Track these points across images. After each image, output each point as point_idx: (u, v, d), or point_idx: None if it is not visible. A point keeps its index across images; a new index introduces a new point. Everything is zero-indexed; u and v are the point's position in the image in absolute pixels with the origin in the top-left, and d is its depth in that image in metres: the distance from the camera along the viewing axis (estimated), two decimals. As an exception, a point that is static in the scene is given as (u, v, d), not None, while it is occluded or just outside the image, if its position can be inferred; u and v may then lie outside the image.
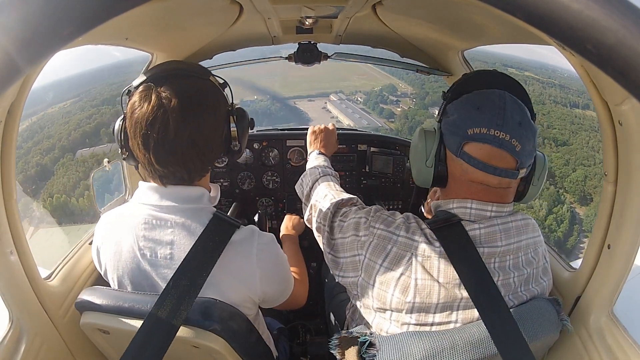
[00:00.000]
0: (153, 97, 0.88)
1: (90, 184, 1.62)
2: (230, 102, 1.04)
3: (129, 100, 0.94)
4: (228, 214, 1.04)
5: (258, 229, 1.05)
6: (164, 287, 0.91)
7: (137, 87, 0.93)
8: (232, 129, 1.00)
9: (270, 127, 2.58)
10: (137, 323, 0.92)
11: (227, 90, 1.05)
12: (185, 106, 0.88)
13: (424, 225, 0.96)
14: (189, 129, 0.89)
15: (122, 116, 0.97)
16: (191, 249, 0.93)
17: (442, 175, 0.98)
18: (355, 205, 1.13)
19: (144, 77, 0.93)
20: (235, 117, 1.01)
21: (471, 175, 0.93)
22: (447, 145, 0.96)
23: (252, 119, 1.10)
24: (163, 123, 0.87)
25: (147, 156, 0.90)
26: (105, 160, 1.61)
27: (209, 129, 0.94)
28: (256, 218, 1.97)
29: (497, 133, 0.88)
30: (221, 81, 1.03)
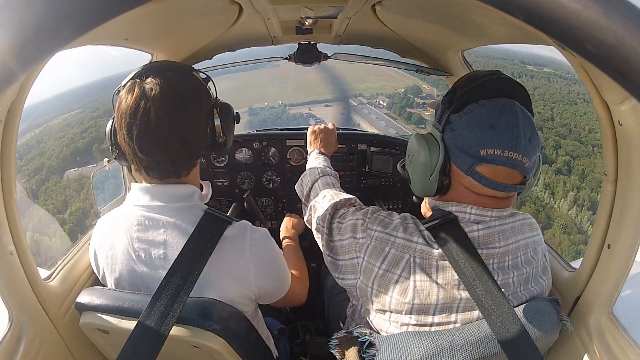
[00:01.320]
0: (136, 90, 0.91)
1: (90, 183, 1.62)
2: (214, 96, 1.07)
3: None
4: (228, 214, 1.04)
5: (251, 224, 1.05)
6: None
7: (124, 85, 0.96)
8: (216, 123, 1.03)
9: (270, 127, 2.58)
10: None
11: (211, 86, 1.07)
12: (166, 96, 0.92)
13: (422, 227, 0.96)
14: (170, 117, 0.92)
15: (113, 116, 0.99)
16: (183, 247, 0.93)
17: (445, 186, 0.97)
18: (354, 206, 1.13)
19: (130, 76, 0.97)
20: (219, 110, 1.03)
21: (479, 190, 0.93)
22: (456, 162, 0.93)
23: (237, 113, 1.12)
24: (145, 113, 0.90)
25: (131, 145, 0.93)
26: (105, 160, 1.61)
27: (191, 119, 0.96)
28: (245, 205, 1.97)
29: (510, 154, 0.86)
30: (204, 76, 1.07)
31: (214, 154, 2.30)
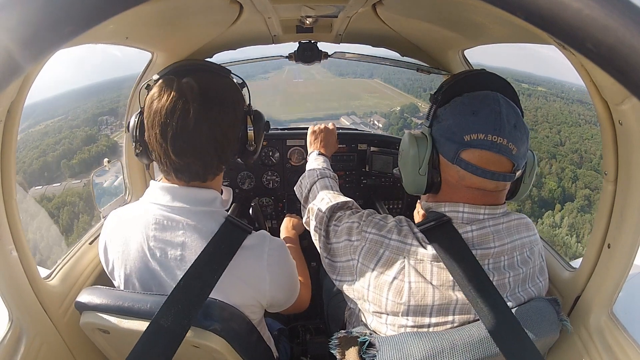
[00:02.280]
0: (174, 88, 0.88)
1: (91, 184, 1.63)
2: (248, 102, 1.05)
3: (147, 95, 0.94)
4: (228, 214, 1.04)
5: (270, 234, 1.05)
6: (173, 286, 0.90)
7: (156, 80, 0.93)
8: (249, 130, 1.01)
9: (271, 127, 2.57)
10: (137, 323, 0.92)
11: (244, 91, 1.05)
12: (205, 99, 0.89)
13: (416, 229, 0.96)
14: (208, 121, 0.90)
15: (139, 111, 0.98)
16: (203, 251, 0.92)
17: (436, 182, 0.97)
18: (350, 209, 1.13)
19: (165, 72, 0.94)
20: (252, 117, 1.01)
21: (468, 181, 0.92)
22: (442, 152, 0.94)
23: (267, 121, 1.10)
24: (183, 113, 0.87)
25: (164, 146, 0.90)
26: (106, 160, 1.62)
27: (227, 124, 0.94)
28: (251, 211, 1.97)
29: (494, 138, 0.87)
30: (239, 81, 1.04)
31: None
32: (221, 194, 1.05)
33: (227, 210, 1.06)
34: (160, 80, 0.92)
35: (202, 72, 0.94)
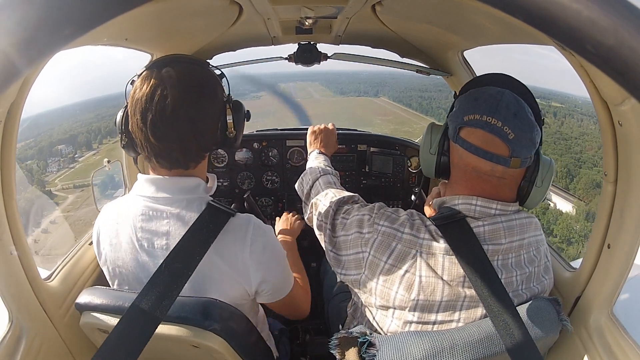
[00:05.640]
0: (154, 77, 0.92)
1: (91, 183, 1.63)
2: (227, 93, 1.07)
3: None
4: None
5: (255, 217, 1.05)
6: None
7: (139, 74, 0.96)
8: (228, 120, 1.03)
9: (270, 127, 2.58)
10: None
11: (224, 82, 1.08)
12: (184, 85, 0.92)
13: (428, 222, 0.97)
14: (186, 106, 0.92)
15: (125, 105, 1.00)
16: (184, 235, 0.93)
17: (445, 163, 1.03)
18: (357, 203, 1.14)
19: (147, 66, 0.97)
20: (231, 106, 1.04)
21: (465, 160, 0.96)
22: (449, 134, 1.01)
23: (248, 111, 1.13)
24: (162, 99, 0.90)
25: (145, 130, 0.92)
26: (106, 160, 1.62)
27: (206, 111, 0.97)
28: (245, 205, 1.96)
29: (489, 119, 0.91)
30: (218, 72, 1.07)
31: (214, 155, 2.30)
32: (207, 182, 1.06)
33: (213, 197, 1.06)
34: (142, 74, 0.96)
35: (181, 62, 0.97)
